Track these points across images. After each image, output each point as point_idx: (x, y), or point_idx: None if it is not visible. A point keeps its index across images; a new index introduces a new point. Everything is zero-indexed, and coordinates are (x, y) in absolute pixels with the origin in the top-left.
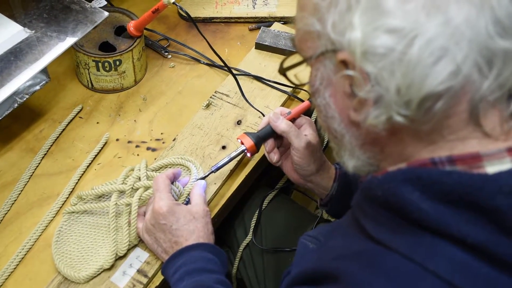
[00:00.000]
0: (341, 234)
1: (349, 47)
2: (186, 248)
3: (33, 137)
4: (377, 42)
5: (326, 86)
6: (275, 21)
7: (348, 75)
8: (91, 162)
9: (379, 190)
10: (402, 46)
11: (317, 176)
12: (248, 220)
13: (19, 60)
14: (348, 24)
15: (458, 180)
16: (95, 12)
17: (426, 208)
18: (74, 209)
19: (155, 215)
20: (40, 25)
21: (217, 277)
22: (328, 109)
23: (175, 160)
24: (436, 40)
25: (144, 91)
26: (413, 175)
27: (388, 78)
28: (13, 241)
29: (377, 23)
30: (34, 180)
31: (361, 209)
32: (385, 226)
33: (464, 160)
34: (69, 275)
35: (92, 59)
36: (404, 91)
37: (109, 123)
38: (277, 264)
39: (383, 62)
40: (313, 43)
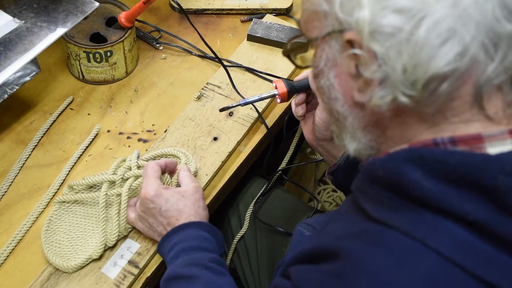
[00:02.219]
0: (341, 219)
1: (357, 27)
2: (181, 226)
3: (24, 128)
4: (385, 21)
5: (330, 67)
6: (267, 13)
7: (354, 55)
8: (82, 153)
9: (381, 170)
10: (410, 26)
11: (330, 143)
12: (243, 211)
13: (9, 51)
14: (356, 3)
15: (460, 160)
16: (85, 2)
17: (429, 186)
18: (64, 199)
19: (143, 201)
20: (30, 15)
21: (212, 255)
22: (332, 90)
23: (167, 151)
24: (444, 21)
25: (135, 82)
26: (416, 155)
27: (395, 57)
28: (3, 233)
29: (386, 2)
30: (25, 171)
31: (361, 192)
32: (386, 206)
33: (466, 141)
34: (58, 264)
35: (83, 50)
36: (410, 71)
37: (100, 115)
38: (271, 255)
39: (391, 42)
40: (319, 23)
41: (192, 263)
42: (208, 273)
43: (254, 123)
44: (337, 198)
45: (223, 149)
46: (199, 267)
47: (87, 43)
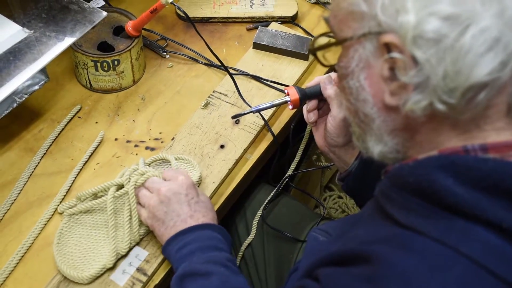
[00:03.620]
0: (363, 223)
1: (400, 31)
2: (196, 227)
3: (32, 136)
4: (430, 28)
5: (362, 68)
6: (272, 21)
7: (391, 58)
8: (87, 160)
9: (411, 176)
10: (455, 33)
11: (342, 149)
12: (250, 218)
13: (18, 60)
14: (401, 7)
15: (493, 167)
16: (93, 12)
17: (461, 193)
18: (73, 211)
19: (180, 183)
20: (39, 25)
21: (229, 255)
22: (361, 92)
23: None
24: (489, 29)
25: (142, 91)
26: (447, 161)
27: (436, 64)
28: (12, 240)
29: (432, 8)
30: (34, 179)
31: (387, 197)
32: (416, 212)
33: (497, 148)
34: (72, 276)
35: (90, 59)
36: (451, 78)
37: (107, 123)
38: (278, 262)
39: (434, 48)
40: (354, 23)
41: (210, 261)
42: (226, 271)
43: (261, 131)
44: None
45: (230, 157)
46: (218, 265)
47: (95, 52)
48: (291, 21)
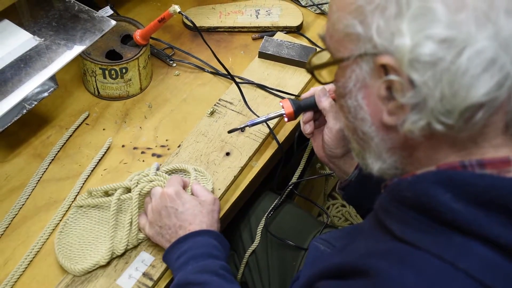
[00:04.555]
0: (364, 237)
1: (396, 53)
2: (191, 234)
3: (41, 143)
4: (426, 51)
5: (359, 88)
6: (277, 31)
7: (388, 80)
8: (95, 166)
9: (409, 191)
10: (451, 56)
11: (341, 160)
12: (254, 225)
13: (29, 67)
14: (396, 30)
15: (490, 183)
16: (102, 20)
17: (458, 209)
18: (82, 203)
19: (163, 198)
20: (49, 33)
21: (222, 263)
22: (359, 111)
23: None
24: (485, 51)
25: (149, 98)
26: (445, 177)
27: (433, 86)
28: (20, 244)
29: (428, 31)
30: (42, 185)
31: (386, 211)
32: (414, 227)
33: (494, 164)
34: (66, 266)
35: (99, 66)
36: (448, 99)
37: (115, 130)
38: (281, 270)
39: (431, 71)
40: (350, 45)
41: (203, 270)
42: (219, 280)
43: (266, 139)
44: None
45: (236, 164)
46: (210, 274)
47: (103, 60)
48: (296, 31)
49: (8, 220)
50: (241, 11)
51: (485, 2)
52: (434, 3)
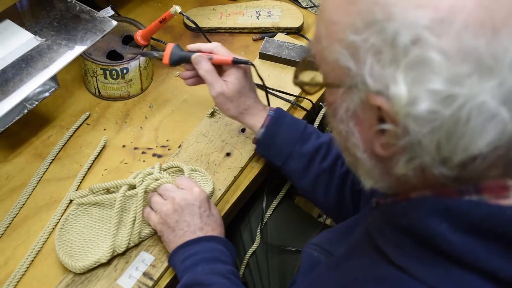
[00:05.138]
0: (358, 254)
1: (391, 101)
2: (202, 238)
3: (41, 143)
4: (425, 107)
5: (351, 117)
6: (278, 32)
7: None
8: (91, 164)
9: (404, 218)
10: (451, 111)
11: (240, 118)
12: (254, 225)
13: (30, 67)
14: (391, 77)
15: (487, 212)
16: (104, 21)
17: (455, 240)
18: (83, 201)
19: (195, 196)
20: (51, 33)
21: (230, 268)
22: (351, 137)
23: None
24: (487, 104)
25: (150, 99)
26: (440, 206)
27: (430, 136)
28: (21, 244)
29: (427, 85)
30: (42, 184)
31: (382, 233)
32: (410, 254)
33: (491, 189)
34: (66, 263)
35: (100, 67)
36: (445, 149)
37: (115, 130)
38: (282, 270)
39: (429, 126)
40: (340, 74)
41: (213, 272)
42: (228, 283)
43: None
44: None
45: (236, 165)
46: (221, 277)
47: (104, 60)
48: (296, 32)
49: (9, 219)
50: (242, 12)
51: (488, 52)
52: (433, 53)
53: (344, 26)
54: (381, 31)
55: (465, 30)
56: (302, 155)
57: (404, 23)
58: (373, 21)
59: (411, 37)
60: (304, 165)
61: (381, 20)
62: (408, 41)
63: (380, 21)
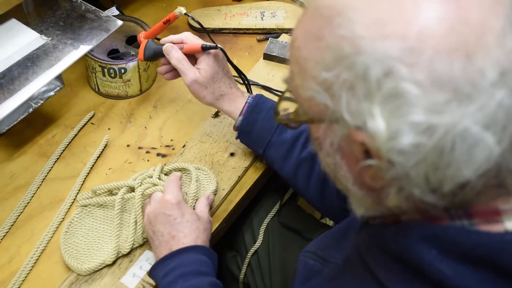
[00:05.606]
0: (350, 273)
1: (372, 136)
2: (179, 251)
3: (46, 142)
4: (407, 141)
5: (336, 150)
6: (282, 33)
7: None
8: (94, 163)
9: (393, 243)
10: (434, 141)
11: (217, 105)
12: (257, 226)
13: (36, 66)
14: (367, 112)
15: (477, 241)
16: (109, 20)
17: (444, 269)
18: (86, 202)
19: (162, 204)
20: (56, 32)
21: (211, 279)
22: (339, 170)
23: (187, 166)
24: (470, 130)
25: (154, 99)
26: (430, 233)
27: (415, 168)
28: (25, 242)
29: (405, 118)
30: (47, 183)
31: (371, 254)
32: (400, 279)
33: (482, 214)
34: (72, 266)
35: (98, 64)
36: (433, 181)
37: (120, 129)
38: (283, 270)
39: (413, 158)
40: (319, 110)
41: None
42: None
43: None
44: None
45: (240, 165)
46: None
47: (104, 58)
48: None
49: (13, 218)
50: (246, 13)
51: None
52: (407, 84)
53: (315, 62)
54: (351, 66)
55: (437, 58)
56: (281, 143)
57: (373, 56)
58: (342, 56)
59: (383, 69)
60: (283, 154)
61: (350, 55)
62: (380, 74)
63: (349, 56)
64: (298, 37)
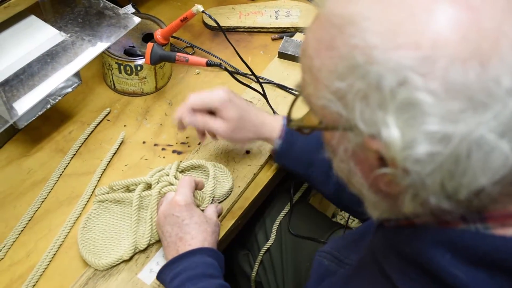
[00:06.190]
0: (364, 274)
1: (386, 146)
2: (185, 254)
3: (62, 138)
4: (422, 150)
5: (350, 156)
6: (297, 31)
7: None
8: (110, 159)
9: (407, 247)
10: (450, 150)
11: (257, 137)
12: (269, 224)
13: (56, 62)
14: (382, 121)
15: (492, 245)
16: (127, 17)
17: (459, 274)
18: (103, 198)
19: (172, 206)
20: (75, 29)
21: (218, 282)
22: (354, 176)
23: (204, 164)
24: (485, 138)
25: (169, 96)
26: (444, 238)
27: (432, 178)
28: (42, 238)
29: (418, 127)
30: (64, 179)
31: (385, 257)
32: (415, 282)
33: (496, 218)
34: (90, 261)
35: (115, 61)
36: (449, 188)
37: (135, 126)
38: (296, 269)
39: (429, 167)
40: (332, 117)
41: None
42: None
43: None
44: None
45: (255, 162)
46: None
47: (120, 55)
48: None
49: (30, 213)
50: (261, 11)
51: (478, 86)
52: (422, 94)
53: (328, 72)
54: (364, 76)
55: (451, 66)
56: (322, 162)
57: (387, 66)
58: (355, 66)
59: (396, 79)
60: (325, 172)
61: (363, 64)
62: (394, 84)
63: (362, 65)
64: (310, 46)
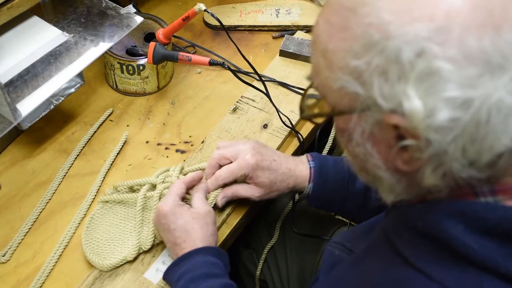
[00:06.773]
0: (376, 254)
1: (408, 117)
2: (187, 254)
3: (66, 138)
4: (444, 117)
5: (367, 138)
6: (298, 30)
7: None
8: (114, 159)
9: (419, 221)
10: (470, 114)
11: (291, 187)
12: (273, 221)
13: (59, 63)
14: (402, 93)
15: (503, 215)
16: (129, 17)
17: (471, 243)
18: (107, 199)
19: (156, 214)
20: (78, 29)
21: (222, 281)
22: (370, 158)
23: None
24: (504, 100)
25: (172, 95)
26: (456, 210)
27: (453, 143)
28: (48, 238)
29: (441, 94)
30: (68, 180)
31: (398, 234)
32: (427, 255)
33: (505, 191)
34: (94, 262)
35: (117, 61)
36: (471, 154)
37: (138, 126)
38: (301, 267)
39: (451, 133)
40: (349, 99)
41: None
42: None
43: (288, 136)
44: None
45: None
46: None
47: (123, 55)
48: None
49: (35, 214)
50: (262, 10)
51: (494, 50)
52: (440, 62)
53: (343, 53)
54: (382, 51)
55: (466, 33)
56: (355, 194)
57: (404, 39)
58: (372, 43)
59: (414, 50)
60: (360, 204)
61: (380, 40)
62: (412, 55)
63: (379, 42)
64: (321, 32)
